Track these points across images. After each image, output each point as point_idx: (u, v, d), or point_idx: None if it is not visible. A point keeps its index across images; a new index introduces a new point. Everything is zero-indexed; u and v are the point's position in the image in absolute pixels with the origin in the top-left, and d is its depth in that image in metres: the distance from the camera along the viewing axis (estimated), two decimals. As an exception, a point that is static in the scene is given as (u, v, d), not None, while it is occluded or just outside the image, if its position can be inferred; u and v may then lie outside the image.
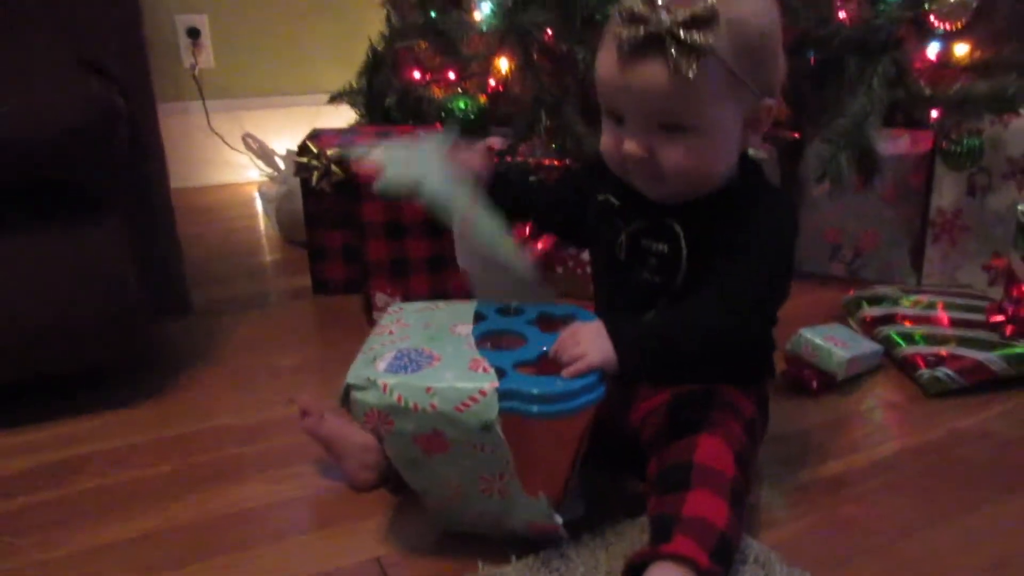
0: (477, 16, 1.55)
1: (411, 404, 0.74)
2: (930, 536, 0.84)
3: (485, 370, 0.75)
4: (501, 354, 0.80)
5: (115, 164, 1.01)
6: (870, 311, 1.29)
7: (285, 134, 2.41)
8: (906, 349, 1.17)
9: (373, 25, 2.33)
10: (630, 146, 0.80)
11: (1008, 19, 1.33)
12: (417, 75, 1.80)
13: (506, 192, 0.95)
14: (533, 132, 1.33)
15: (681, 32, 0.73)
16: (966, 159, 1.31)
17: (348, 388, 0.77)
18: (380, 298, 1.39)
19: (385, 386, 0.75)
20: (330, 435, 0.95)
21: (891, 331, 1.22)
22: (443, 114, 1.40)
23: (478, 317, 0.88)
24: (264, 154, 2.02)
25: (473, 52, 1.36)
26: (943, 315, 1.24)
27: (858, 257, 1.53)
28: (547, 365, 0.79)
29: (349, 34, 2.49)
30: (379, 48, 1.76)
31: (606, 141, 0.85)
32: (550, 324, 0.86)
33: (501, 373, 0.75)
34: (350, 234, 1.50)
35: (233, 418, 1.11)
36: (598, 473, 0.88)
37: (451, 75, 1.80)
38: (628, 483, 0.91)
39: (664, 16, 0.74)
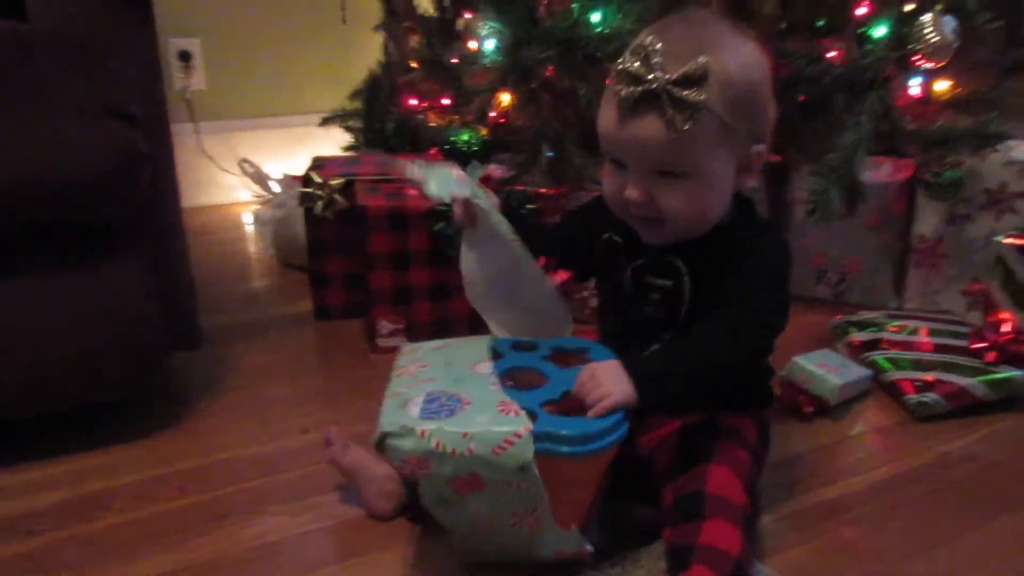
0: (473, 45, 1.60)
1: (449, 449, 0.77)
2: (928, 560, 0.89)
3: (516, 413, 0.78)
4: (526, 394, 0.83)
5: (138, 205, 1.04)
6: (858, 336, 1.35)
7: (276, 156, 2.44)
8: (893, 374, 1.23)
9: (364, 49, 2.37)
10: (632, 192, 0.86)
11: (984, 58, 1.40)
12: (414, 102, 1.84)
13: (520, 230, 0.99)
14: (535, 164, 1.37)
15: (675, 90, 0.79)
16: (948, 190, 1.37)
17: (384, 436, 0.79)
18: (383, 325, 1.42)
19: (424, 432, 0.77)
20: (353, 465, 0.98)
21: (878, 356, 1.28)
22: (446, 146, 1.44)
23: (494, 353, 0.92)
24: (259, 178, 2.04)
25: (476, 85, 1.40)
26: (927, 341, 1.30)
27: (843, 281, 1.59)
28: (570, 403, 0.83)
29: (340, 58, 2.52)
30: (377, 75, 1.79)
31: (609, 186, 0.90)
32: (565, 359, 0.90)
33: (531, 415, 0.79)
34: (352, 261, 1.53)
35: (249, 448, 1.13)
36: (609, 501, 0.92)
37: (445, 101, 1.85)
38: (640, 510, 0.95)
39: (659, 75, 0.80)
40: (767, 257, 0.89)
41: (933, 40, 1.30)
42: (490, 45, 1.38)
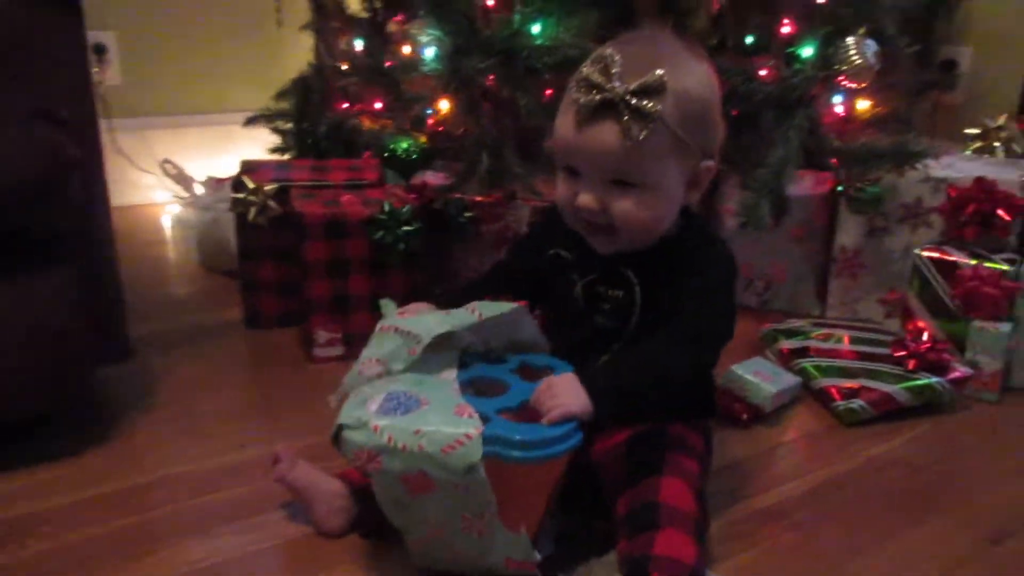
0: (407, 50, 1.58)
1: (400, 445, 0.78)
2: (865, 562, 0.93)
3: (470, 415, 0.80)
4: (485, 401, 0.84)
5: (66, 213, 0.99)
6: (786, 343, 1.40)
7: (196, 155, 2.36)
8: (822, 381, 1.28)
9: (290, 47, 2.32)
10: (585, 199, 0.89)
11: (900, 80, 1.48)
12: (346, 105, 1.81)
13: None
14: (474, 172, 1.37)
15: (632, 99, 0.82)
16: (869, 205, 1.44)
17: (340, 427, 0.82)
18: (320, 334, 1.40)
19: (376, 427, 0.80)
20: (302, 482, 0.96)
21: (806, 364, 1.33)
22: (385, 154, 1.42)
23: (463, 363, 0.92)
24: (182, 180, 1.97)
25: (415, 92, 1.39)
26: (851, 349, 1.36)
27: (768, 289, 1.64)
28: (528, 413, 0.85)
29: (264, 55, 2.46)
30: (308, 76, 1.75)
31: (562, 192, 0.92)
32: (531, 373, 0.91)
33: (485, 419, 0.80)
34: (285, 268, 1.49)
35: (187, 466, 1.09)
36: (560, 511, 0.93)
37: (378, 105, 1.83)
38: (591, 520, 0.96)
39: (617, 84, 0.82)
40: (714, 268, 0.93)
41: (856, 62, 1.36)
42: (430, 53, 1.37)
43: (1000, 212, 1.33)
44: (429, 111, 1.50)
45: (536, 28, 1.35)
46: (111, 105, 2.29)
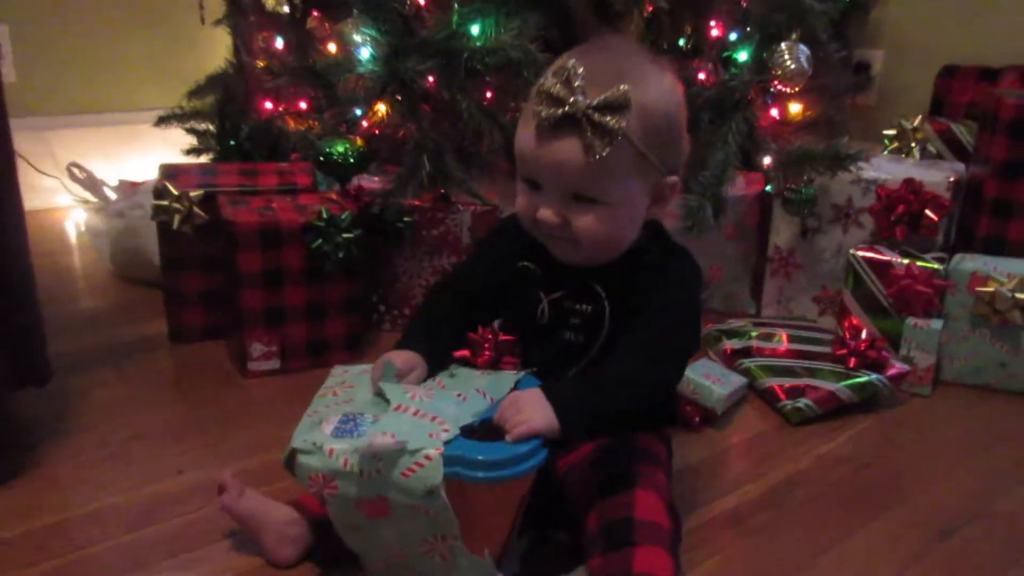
0: (333, 48, 1.52)
1: (356, 469, 0.75)
2: (826, 565, 0.94)
3: (429, 435, 0.77)
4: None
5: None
6: (729, 343, 1.41)
7: (101, 156, 2.22)
8: (767, 381, 1.30)
9: (200, 42, 2.21)
10: (545, 214, 0.86)
11: (828, 83, 1.51)
12: (269, 105, 1.73)
13: (444, 341, 0.95)
14: (414, 177, 1.33)
15: (595, 115, 0.80)
16: (803, 206, 1.47)
17: (293, 452, 0.78)
18: (255, 348, 1.33)
19: (332, 451, 0.77)
20: (250, 511, 0.90)
21: (750, 364, 1.35)
22: (320, 158, 1.36)
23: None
24: (92, 184, 1.85)
25: (351, 94, 1.33)
26: (792, 348, 1.39)
27: (706, 289, 1.66)
28: (491, 431, 0.82)
29: (172, 50, 2.34)
30: (228, 74, 1.67)
31: (522, 205, 0.90)
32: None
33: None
34: (212, 278, 1.42)
35: (118, 496, 1.01)
36: (525, 528, 0.91)
37: (303, 105, 1.76)
38: (556, 536, 0.94)
39: (580, 99, 0.80)
40: (679, 280, 0.92)
41: (790, 67, 1.39)
42: (365, 53, 1.32)
43: (928, 212, 1.38)
44: (360, 112, 1.44)
45: (475, 29, 1.31)
46: (5, 104, 2.13)
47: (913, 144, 1.76)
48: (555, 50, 1.28)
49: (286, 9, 1.94)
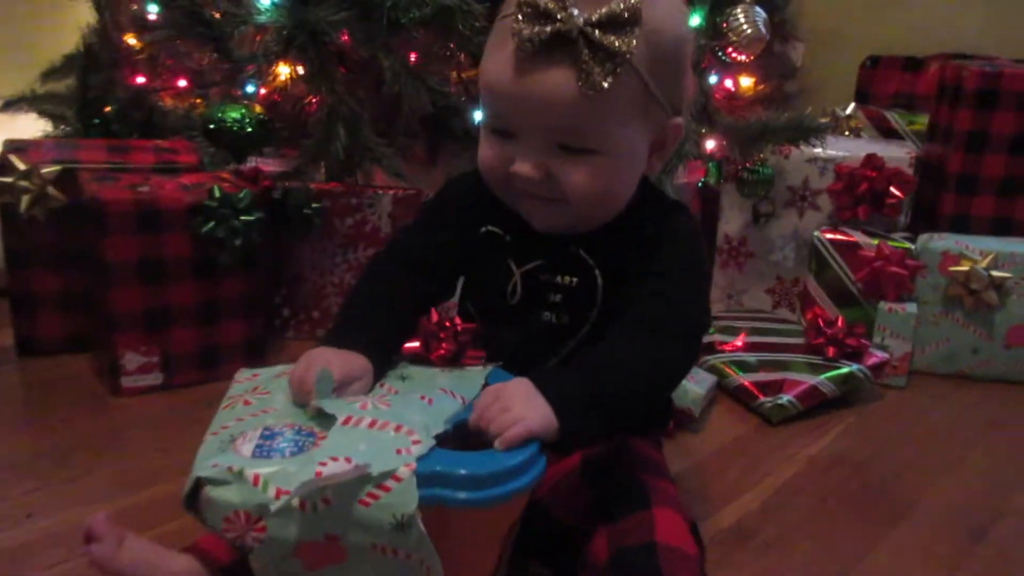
0: None
1: (295, 501, 0.54)
2: (861, 581, 0.79)
3: (399, 452, 0.56)
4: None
5: None
6: (687, 340, 1.26)
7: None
8: (738, 378, 1.15)
9: (47, 17, 1.91)
10: (523, 167, 0.67)
11: (777, 57, 1.40)
12: (142, 80, 1.47)
13: (391, 332, 0.73)
14: (327, 151, 1.11)
15: (596, 33, 0.61)
16: (759, 187, 1.34)
17: (198, 483, 0.56)
18: (130, 358, 1.07)
19: (256, 477, 0.55)
20: (134, 564, 0.66)
21: (715, 360, 1.20)
22: (211, 126, 1.12)
23: None
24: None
25: (246, 52, 1.11)
26: (756, 341, 1.25)
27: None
28: (468, 438, 0.62)
29: (13, 29, 2.02)
30: (92, 45, 1.40)
31: (488, 158, 0.71)
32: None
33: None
34: (72, 276, 1.15)
35: (-56, 553, 0.75)
36: (512, 559, 0.71)
37: (182, 83, 1.51)
38: (535, 568, 0.75)
39: (576, 13, 0.61)
40: (682, 242, 0.74)
41: (746, 31, 1.26)
42: (265, 1, 1.10)
43: (893, 189, 1.28)
44: (252, 76, 1.21)
45: (399, -24, 1.12)
46: None
47: (847, 132, 1.68)
48: (493, 1, 1.11)
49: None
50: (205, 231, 1.05)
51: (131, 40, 1.58)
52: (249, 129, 1.12)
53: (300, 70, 1.10)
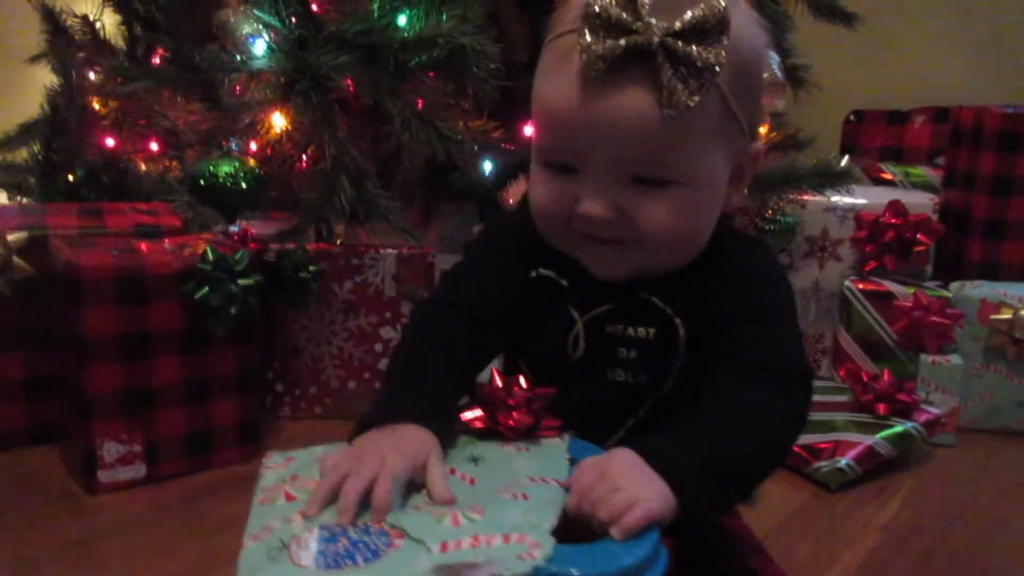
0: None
1: None
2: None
3: (488, 542, 0.46)
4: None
5: None
6: (719, 403, 1.17)
7: None
8: (785, 441, 1.05)
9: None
10: (593, 207, 0.57)
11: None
12: (112, 143, 1.36)
13: (452, 397, 0.63)
14: (331, 208, 1.01)
15: (680, 45, 0.53)
16: (782, 237, 1.28)
17: None
18: (110, 449, 0.93)
19: None
20: None
21: (755, 423, 1.10)
22: (200, 182, 1.01)
23: None
24: None
25: (241, 101, 1.01)
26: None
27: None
28: (570, 527, 0.50)
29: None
30: (59, 111, 1.29)
31: (546, 198, 0.61)
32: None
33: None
34: (38, 358, 1.01)
35: None
36: None
37: (154, 146, 1.41)
38: None
39: (654, 22, 0.53)
40: (772, 281, 0.65)
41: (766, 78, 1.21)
42: (260, 46, 1.01)
43: (921, 237, 1.22)
44: (245, 128, 1.11)
45: (402, 19, 1.04)
46: None
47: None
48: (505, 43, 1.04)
49: (125, 43, 1.61)
50: (199, 298, 0.93)
51: (96, 105, 1.48)
52: (243, 184, 1.01)
53: (297, 119, 1.01)
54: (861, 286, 1.21)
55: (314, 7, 1.08)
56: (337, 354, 1.15)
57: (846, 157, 1.70)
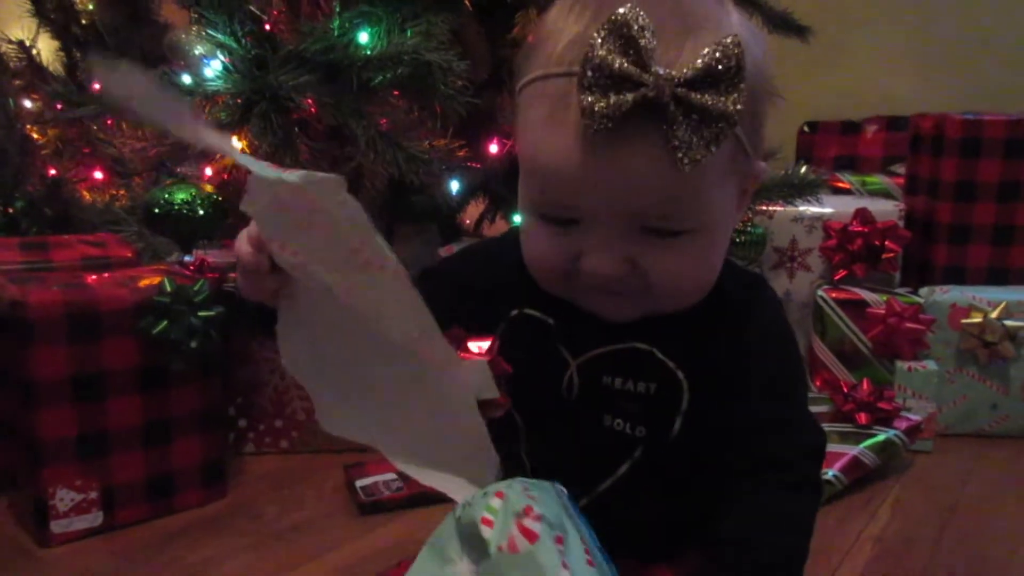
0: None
1: None
2: None
3: None
4: None
5: None
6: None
7: None
8: (769, 456, 1.04)
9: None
10: (601, 262, 0.52)
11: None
12: (53, 173, 1.30)
13: None
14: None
15: (694, 96, 0.47)
16: (752, 248, 1.27)
17: None
18: (63, 497, 0.87)
19: None
20: None
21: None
22: (155, 211, 0.95)
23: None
24: None
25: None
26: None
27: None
28: None
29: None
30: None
31: (545, 254, 0.55)
32: None
33: None
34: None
35: None
36: None
37: (98, 175, 1.35)
38: None
39: (662, 72, 0.47)
40: (778, 334, 0.60)
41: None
42: (215, 66, 0.96)
43: (889, 244, 1.22)
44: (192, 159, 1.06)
45: (364, 37, 1.01)
46: None
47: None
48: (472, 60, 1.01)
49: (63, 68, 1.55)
50: (157, 332, 0.87)
51: (34, 134, 1.42)
52: (201, 212, 0.96)
53: (256, 143, 0.96)
54: (834, 295, 1.21)
55: (268, 27, 1.04)
56: (302, 386, 1.10)
57: (804, 167, 1.73)
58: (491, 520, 0.44)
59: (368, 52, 0.99)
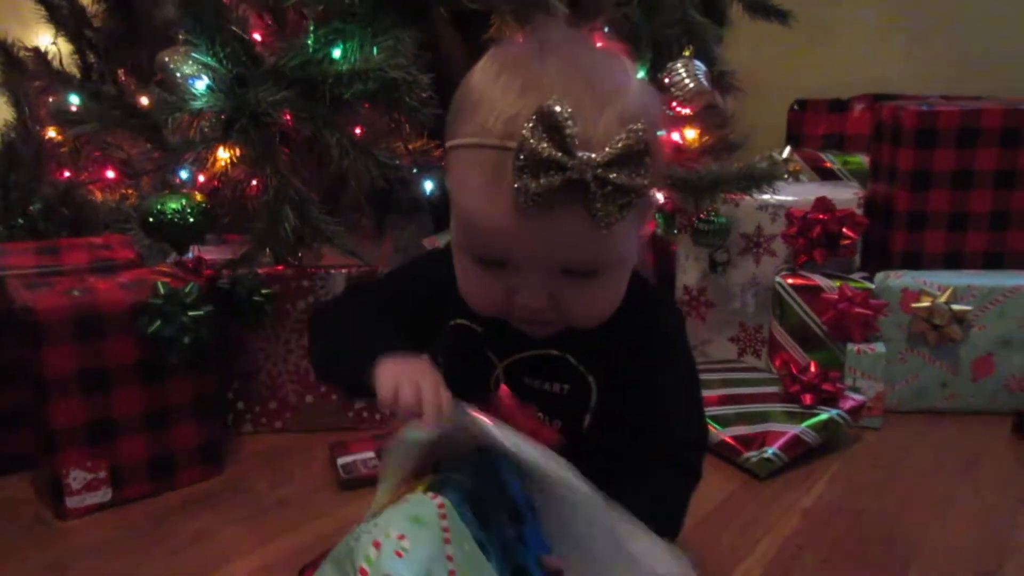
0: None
1: None
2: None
3: None
4: None
5: None
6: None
7: None
8: (721, 433, 1.12)
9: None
10: (532, 299, 0.62)
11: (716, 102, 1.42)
12: (67, 175, 1.40)
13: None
14: (275, 235, 1.06)
15: (611, 175, 0.55)
16: (716, 236, 1.34)
17: None
18: (76, 476, 0.98)
19: None
20: None
21: (692, 417, 1.17)
22: (149, 219, 1.06)
23: None
24: None
25: (182, 139, 1.05)
26: (730, 393, 1.23)
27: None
28: None
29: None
30: (13, 142, 1.33)
31: (479, 290, 0.65)
32: None
33: None
34: (3, 391, 1.06)
35: None
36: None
37: (110, 174, 1.45)
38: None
39: (584, 156, 0.55)
40: (675, 339, 0.71)
41: (689, 86, 1.27)
42: (200, 85, 1.05)
43: (846, 231, 1.28)
44: (190, 165, 1.16)
45: (337, 52, 1.09)
46: None
47: (786, 175, 1.71)
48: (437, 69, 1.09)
49: (79, 70, 1.65)
50: (151, 331, 0.98)
51: (52, 133, 1.52)
52: (191, 219, 1.06)
53: (239, 155, 1.06)
54: (791, 281, 1.28)
55: (252, 40, 1.12)
56: (294, 371, 1.21)
57: (787, 148, 1.78)
58: (366, 571, 0.51)
59: (340, 67, 1.08)
